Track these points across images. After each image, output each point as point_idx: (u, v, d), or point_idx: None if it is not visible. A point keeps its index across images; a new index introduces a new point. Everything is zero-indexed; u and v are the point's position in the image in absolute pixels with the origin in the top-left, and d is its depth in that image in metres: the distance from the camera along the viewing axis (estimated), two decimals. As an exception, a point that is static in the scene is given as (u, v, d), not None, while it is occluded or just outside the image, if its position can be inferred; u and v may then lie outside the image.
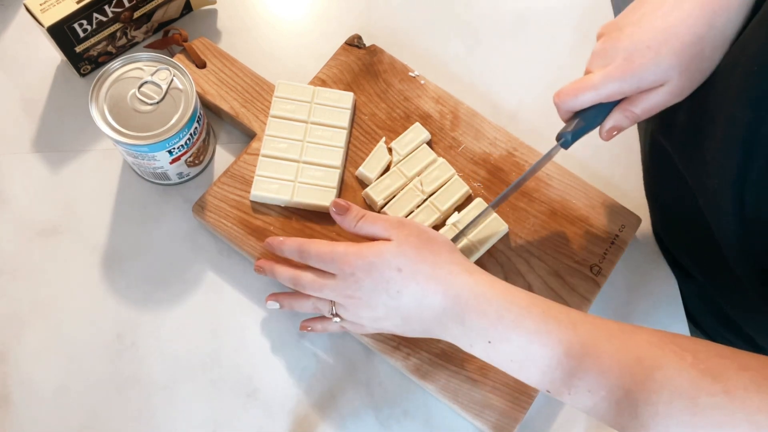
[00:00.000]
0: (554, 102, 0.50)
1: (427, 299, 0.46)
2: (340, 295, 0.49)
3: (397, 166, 0.59)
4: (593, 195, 0.60)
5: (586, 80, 0.47)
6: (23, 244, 0.59)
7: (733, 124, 0.44)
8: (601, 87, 0.46)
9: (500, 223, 0.58)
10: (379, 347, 0.55)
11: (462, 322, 0.46)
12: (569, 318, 0.44)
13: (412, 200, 0.58)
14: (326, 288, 0.50)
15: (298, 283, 0.52)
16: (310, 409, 0.55)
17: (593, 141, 0.58)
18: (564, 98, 0.49)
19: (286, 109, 0.60)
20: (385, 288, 0.47)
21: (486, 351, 0.46)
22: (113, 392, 0.55)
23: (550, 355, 0.43)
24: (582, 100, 0.48)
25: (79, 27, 0.59)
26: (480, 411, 0.53)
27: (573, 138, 0.50)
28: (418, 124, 0.61)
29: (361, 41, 0.65)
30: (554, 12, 0.71)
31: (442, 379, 0.54)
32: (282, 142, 0.59)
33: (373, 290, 0.47)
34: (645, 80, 0.46)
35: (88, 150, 0.62)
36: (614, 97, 0.47)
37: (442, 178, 0.59)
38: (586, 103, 0.48)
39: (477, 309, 0.45)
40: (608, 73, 0.46)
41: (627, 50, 0.46)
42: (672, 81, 0.46)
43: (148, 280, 0.58)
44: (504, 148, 0.62)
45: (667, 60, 0.45)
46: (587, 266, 0.58)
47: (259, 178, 0.58)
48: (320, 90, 0.61)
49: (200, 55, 0.63)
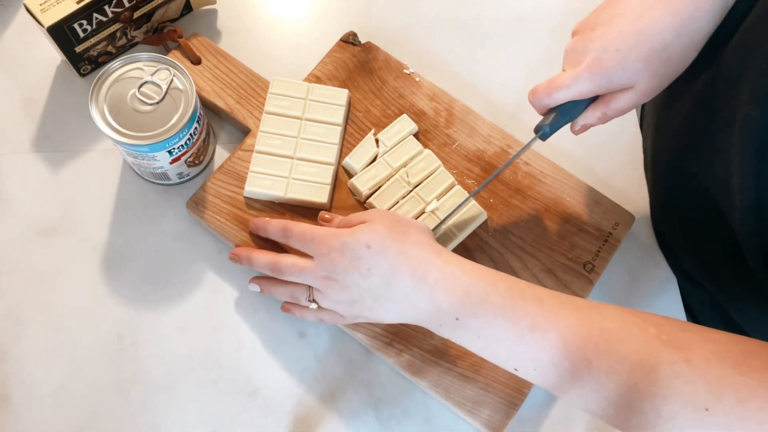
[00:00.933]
0: (529, 100, 0.52)
1: (396, 277, 0.47)
2: (317, 277, 0.50)
3: (383, 157, 0.60)
4: (587, 192, 0.60)
5: (558, 79, 0.49)
6: (23, 244, 0.59)
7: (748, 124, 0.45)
8: (572, 86, 0.48)
9: (478, 210, 0.58)
10: (372, 344, 0.55)
11: (430, 300, 0.46)
12: (534, 293, 0.45)
13: (397, 191, 0.58)
14: (305, 271, 0.51)
15: (276, 267, 0.52)
16: (310, 409, 0.55)
17: (587, 139, 0.59)
18: (538, 96, 0.50)
19: (280, 106, 0.60)
20: (356, 267, 0.48)
21: (455, 329, 0.46)
22: (113, 392, 0.55)
23: (515, 329, 0.44)
24: (555, 98, 0.50)
25: (79, 27, 0.59)
26: (472, 408, 0.53)
27: (551, 130, 0.51)
28: (405, 116, 0.61)
29: (356, 38, 0.65)
30: (554, 12, 0.71)
31: (434, 375, 0.54)
32: (276, 139, 0.59)
33: (346, 270, 0.48)
34: (614, 81, 0.48)
35: (88, 150, 0.62)
36: (586, 95, 0.49)
37: (428, 170, 0.59)
38: (560, 101, 0.50)
39: (445, 286, 0.46)
40: (578, 73, 0.48)
41: (596, 51, 0.47)
42: (640, 84, 0.48)
43: (148, 280, 0.58)
44: (498, 145, 0.62)
45: (635, 64, 0.46)
46: (580, 263, 0.58)
47: (253, 174, 0.58)
48: (315, 87, 0.61)
49: (195, 51, 0.63)
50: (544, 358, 0.43)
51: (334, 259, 0.49)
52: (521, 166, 0.61)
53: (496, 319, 0.44)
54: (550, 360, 0.43)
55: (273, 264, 0.53)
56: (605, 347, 0.41)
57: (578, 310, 0.44)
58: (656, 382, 0.38)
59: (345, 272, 0.48)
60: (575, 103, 0.50)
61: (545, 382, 0.44)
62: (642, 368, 0.39)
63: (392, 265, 0.47)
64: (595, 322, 0.42)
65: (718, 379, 0.37)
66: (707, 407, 0.37)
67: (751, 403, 0.36)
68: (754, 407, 0.36)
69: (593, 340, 0.41)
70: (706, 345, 0.39)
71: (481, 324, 0.45)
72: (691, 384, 0.38)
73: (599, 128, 0.67)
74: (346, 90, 0.62)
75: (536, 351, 0.43)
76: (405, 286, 0.47)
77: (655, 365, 0.39)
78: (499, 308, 0.44)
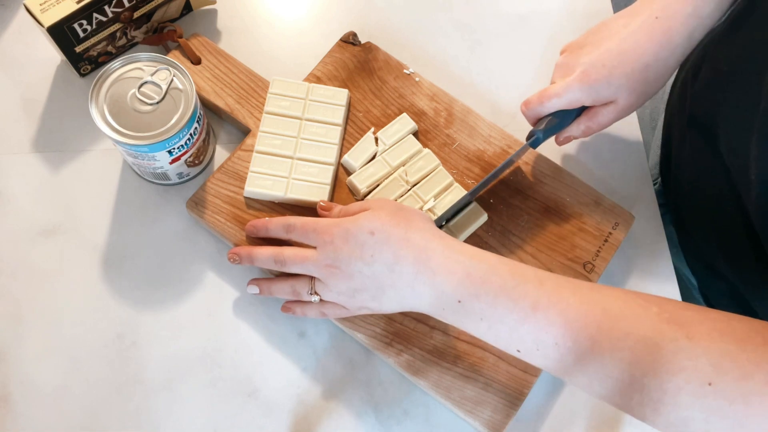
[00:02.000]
0: (522, 111, 0.56)
1: (399, 264, 0.47)
2: (320, 266, 0.50)
3: (382, 155, 0.60)
4: (587, 192, 0.60)
5: (551, 89, 0.54)
6: (23, 244, 0.59)
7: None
8: (563, 95, 0.53)
9: (479, 211, 0.58)
10: (372, 344, 0.55)
11: (433, 284, 0.46)
12: (536, 275, 0.45)
13: (396, 190, 0.59)
14: (308, 260, 0.51)
15: (279, 258, 0.53)
16: (310, 409, 0.55)
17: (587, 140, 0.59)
18: (531, 106, 0.55)
19: (280, 106, 0.60)
20: (359, 255, 0.48)
21: (457, 312, 0.46)
22: (113, 392, 0.55)
23: (517, 309, 0.44)
24: (548, 107, 0.55)
25: (79, 27, 0.59)
26: (472, 408, 0.53)
27: (544, 137, 0.56)
28: (405, 115, 0.61)
29: (356, 38, 0.65)
30: (554, 13, 0.71)
31: (434, 375, 0.54)
32: (276, 139, 0.59)
33: (350, 257, 0.48)
34: (600, 94, 0.53)
35: (88, 150, 0.62)
36: (575, 104, 0.54)
37: (427, 169, 0.59)
38: (552, 109, 0.55)
39: (447, 268, 0.46)
40: (568, 84, 0.53)
41: (585, 65, 0.53)
42: (620, 99, 0.53)
43: (148, 280, 0.58)
44: (498, 145, 0.62)
45: (618, 80, 0.52)
46: (580, 263, 0.58)
47: (253, 174, 0.58)
48: (315, 87, 0.61)
49: (195, 51, 0.63)
50: (547, 338, 0.43)
51: (337, 247, 0.49)
52: (522, 167, 0.61)
53: (497, 300, 0.44)
54: (553, 340, 0.43)
55: (276, 255, 0.53)
56: (608, 325, 0.41)
57: (580, 290, 0.44)
58: (659, 359, 0.39)
59: (348, 260, 0.49)
60: (565, 112, 0.55)
61: (548, 363, 0.44)
62: (645, 345, 0.40)
63: (395, 251, 0.47)
64: (597, 301, 0.43)
65: (720, 354, 0.38)
66: (711, 382, 0.38)
67: (755, 377, 0.37)
68: (758, 381, 0.37)
69: (595, 318, 0.42)
70: (707, 322, 0.40)
71: (483, 305, 0.45)
72: (695, 360, 0.38)
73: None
74: (346, 90, 0.62)
75: (538, 331, 0.43)
76: (408, 271, 0.47)
77: (657, 342, 0.39)
78: (500, 289, 0.45)
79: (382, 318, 0.55)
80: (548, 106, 0.54)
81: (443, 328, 0.55)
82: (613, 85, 0.52)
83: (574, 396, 0.56)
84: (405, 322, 0.55)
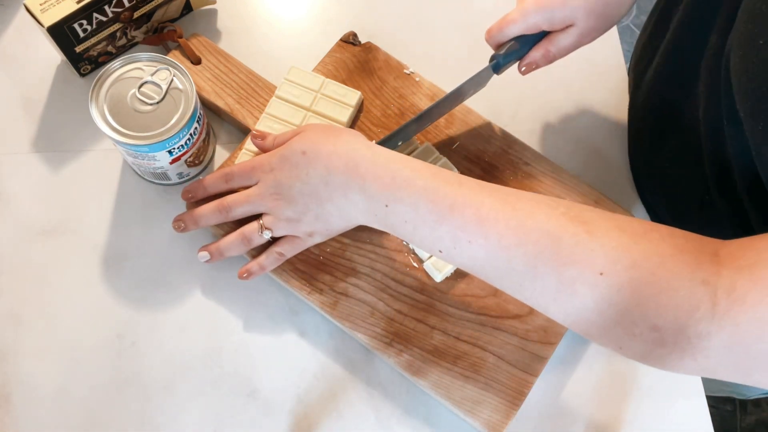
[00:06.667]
0: (485, 39, 0.57)
1: (331, 175, 0.50)
2: (264, 197, 0.53)
3: None
4: (587, 192, 0.60)
5: (508, 15, 0.55)
6: (23, 244, 0.59)
7: None
8: (519, 20, 0.54)
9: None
10: (372, 344, 0.55)
11: (363, 190, 0.48)
12: (457, 178, 0.47)
13: None
14: (251, 196, 0.53)
15: (222, 205, 0.54)
16: (310, 409, 0.55)
17: (587, 139, 0.59)
18: (492, 34, 0.56)
19: (292, 93, 0.61)
20: (296, 174, 0.51)
21: (386, 217, 0.48)
22: (113, 392, 0.55)
23: (437, 210, 0.46)
24: (506, 33, 0.55)
25: (79, 27, 0.59)
26: (472, 407, 0.53)
27: (504, 61, 0.56)
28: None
29: (356, 38, 0.65)
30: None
31: (434, 375, 0.54)
32: (277, 123, 0.60)
33: (289, 179, 0.51)
34: (556, 16, 0.53)
35: (88, 150, 0.62)
36: (532, 29, 0.54)
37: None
38: (511, 35, 0.55)
39: (374, 174, 0.48)
40: (525, 8, 0.53)
41: None
42: (579, 22, 0.53)
43: (148, 280, 0.58)
44: (498, 145, 0.62)
45: (574, 1, 0.52)
46: None
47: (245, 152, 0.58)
48: (329, 82, 0.61)
49: (195, 51, 0.63)
50: (462, 236, 0.45)
51: (276, 175, 0.52)
52: (521, 167, 0.61)
53: (419, 202, 0.46)
54: (467, 237, 0.45)
55: (219, 205, 0.55)
56: (516, 222, 0.43)
57: (497, 191, 0.46)
58: (559, 251, 0.41)
59: (289, 183, 0.51)
60: (525, 38, 0.55)
61: (462, 260, 0.46)
62: (548, 239, 0.42)
63: (326, 164, 0.50)
64: (510, 202, 0.45)
65: (614, 247, 0.40)
66: (602, 272, 0.40)
67: (644, 266, 0.39)
68: (645, 269, 0.39)
69: (506, 215, 0.44)
70: (610, 221, 0.42)
71: (406, 208, 0.47)
72: (590, 252, 0.40)
73: (599, 128, 0.67)
74: (360, 93, 0.61)
75: (455, 230, 0.45)
76: (340, 181, 0.49)
77: (560, 236, 0.42)
78: (422, 191, 0.46)
79: (382, 318, 0.55)
80: (507, 32, 0.55)
81: (443, 329, 0.55)
82: (569, 7, 0.52)
83: (574, 396, 0.57)
84: (405, 322, 0.55)
